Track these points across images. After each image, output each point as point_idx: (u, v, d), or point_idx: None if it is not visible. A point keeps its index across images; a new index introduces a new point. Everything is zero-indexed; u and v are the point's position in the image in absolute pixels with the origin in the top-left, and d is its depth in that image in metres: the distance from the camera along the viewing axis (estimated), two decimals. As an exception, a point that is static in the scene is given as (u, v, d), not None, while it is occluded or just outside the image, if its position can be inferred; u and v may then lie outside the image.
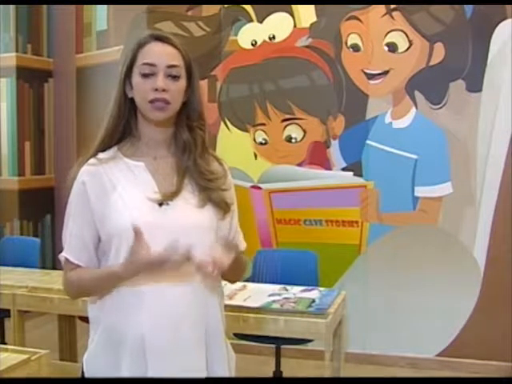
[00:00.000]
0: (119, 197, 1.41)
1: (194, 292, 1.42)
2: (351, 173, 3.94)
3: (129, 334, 1.39)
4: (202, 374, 1.43)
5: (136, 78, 1.43)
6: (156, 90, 1.40)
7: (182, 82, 1.45)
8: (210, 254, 1.35)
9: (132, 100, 1.45)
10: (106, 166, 1.44)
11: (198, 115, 1.49)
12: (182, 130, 1.48)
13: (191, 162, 1.46)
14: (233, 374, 1.53)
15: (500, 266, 3.68)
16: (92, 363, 1.47)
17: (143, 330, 1.38)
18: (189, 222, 1.41)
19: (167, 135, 1.49)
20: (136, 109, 1.46)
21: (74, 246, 1.45)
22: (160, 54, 1.42)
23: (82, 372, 1.49)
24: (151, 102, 1.41)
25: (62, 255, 1.47)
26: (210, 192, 1.45)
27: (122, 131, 1.47)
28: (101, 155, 1.46)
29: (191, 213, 1.42)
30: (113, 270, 1.39)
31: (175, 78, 1.43)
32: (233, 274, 1.50)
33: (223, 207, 1.47)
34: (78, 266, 1.46)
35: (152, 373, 1.38)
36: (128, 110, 1.46)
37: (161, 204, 1.41)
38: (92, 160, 1.45)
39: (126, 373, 1.39)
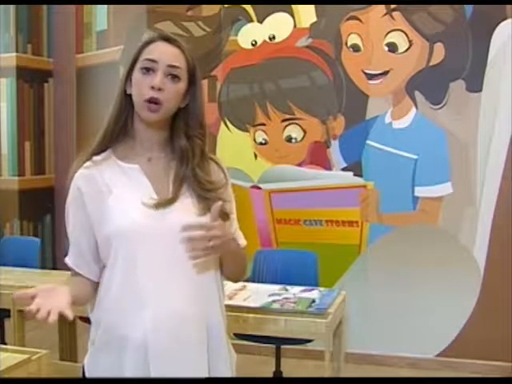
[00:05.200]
0: (115, 200, 1.41)
1: (194, 292, 1.42)
2: (351, 173, 3.94)
3: (131, 336, 1.38)
4: (204, 374, 1.43)
5: (136, 74, 1.42)
6: (152, 87, 1.39)
7: (181, 85, 1.43)
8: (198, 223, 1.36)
9: (131, 97, 1.44)
10: (101, 168, 1.43)
11: (197, 124, 1.47)
12: (179, 137, 1.46)
13: (189, 172, 1.44)
14: (234, 374, 1.53)
15: (500, 266, 3.68)
16: (93, 366, 1.46)
17: (146, 332, 1.37)
18: (187, 223, 1.40)
19: (162, 137, 1.47)
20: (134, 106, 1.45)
21: (72, 252, 1.46)
22: (163, 53, 1.42)
23: (83, 374, 1.48)
24: (146, 101, 1.39)
25: (66, 260, 1.49)
26: (209, 202, 1.42)
27: (120, 129, 1.45)
28: (95, 157, 1.45)
29: (188, 217, 1.40)
30: None
31: (174, 78, 1.41)
32: (232, 264, 1.50)
33: (222, 217, 1.42)
34: (78, 273, 1.47)
35: (154, 373, 1.38)
36: (127, 107, 1.45)
37: (157, 207, 1.40)
38: (87, 163, 1.44)
39: (128, 374, 1.39)
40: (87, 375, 1.47)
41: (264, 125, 4.09)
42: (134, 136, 1.47)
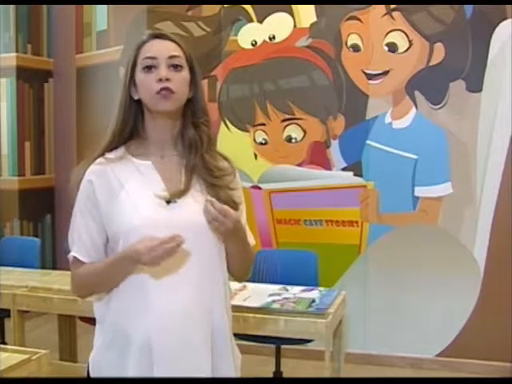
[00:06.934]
0: (127, 195, 1.41)
1: (200, 291, 1.42)
2: (351, 173, 3.94)
3: (136, 335, 1.39)
4: (208, 374, 1.43)
5: (139, 75, 1.44)
6: (160, 80, 1.41)
7: (185, 73, 1.46)
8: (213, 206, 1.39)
9: (138, 102, 1.46)
10: (113, 165, 1.44)
11: (202, 111, 1.50)
12: (187, 128, 1.49)
13: (198, 160, 1.47)
14: (238, 375, 1.53)
15: (500, 266, 3.68)
16: (98, 363, 1.47)
17: (150, 331, 1.38)
18: (196, 220, 1.41)
19: (174, 133, 1.49)
20: (143, 110, 1.47)
21: (83, 244, 1.44)
22: (160, 48, 1.44)
23: (88, 372, 1.49)
24: (157, 92, 1.41)
25: (72, 255, 1.45)
26: (218, 190, 1.45)
27: (129, 133, 1.48)
28: (108, 155, 1.46)
29: (199, 211, 1.42)
30: (122, 252, 1.39)
31: (177, 68, 1.44)
32: (239, 257, 1.50)
33: (231, 206, 1.45)
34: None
35: (158, 373, 1.38)
36: (134, 113, 1.47)
37: (168, 202, 1.42)
38: (99, 159, 1.45)
39: (132, 373, 1.39)
40: (92, 373, 1.48)
41: (264, 125, 4.09)
42: (146, 137, 1.48)
